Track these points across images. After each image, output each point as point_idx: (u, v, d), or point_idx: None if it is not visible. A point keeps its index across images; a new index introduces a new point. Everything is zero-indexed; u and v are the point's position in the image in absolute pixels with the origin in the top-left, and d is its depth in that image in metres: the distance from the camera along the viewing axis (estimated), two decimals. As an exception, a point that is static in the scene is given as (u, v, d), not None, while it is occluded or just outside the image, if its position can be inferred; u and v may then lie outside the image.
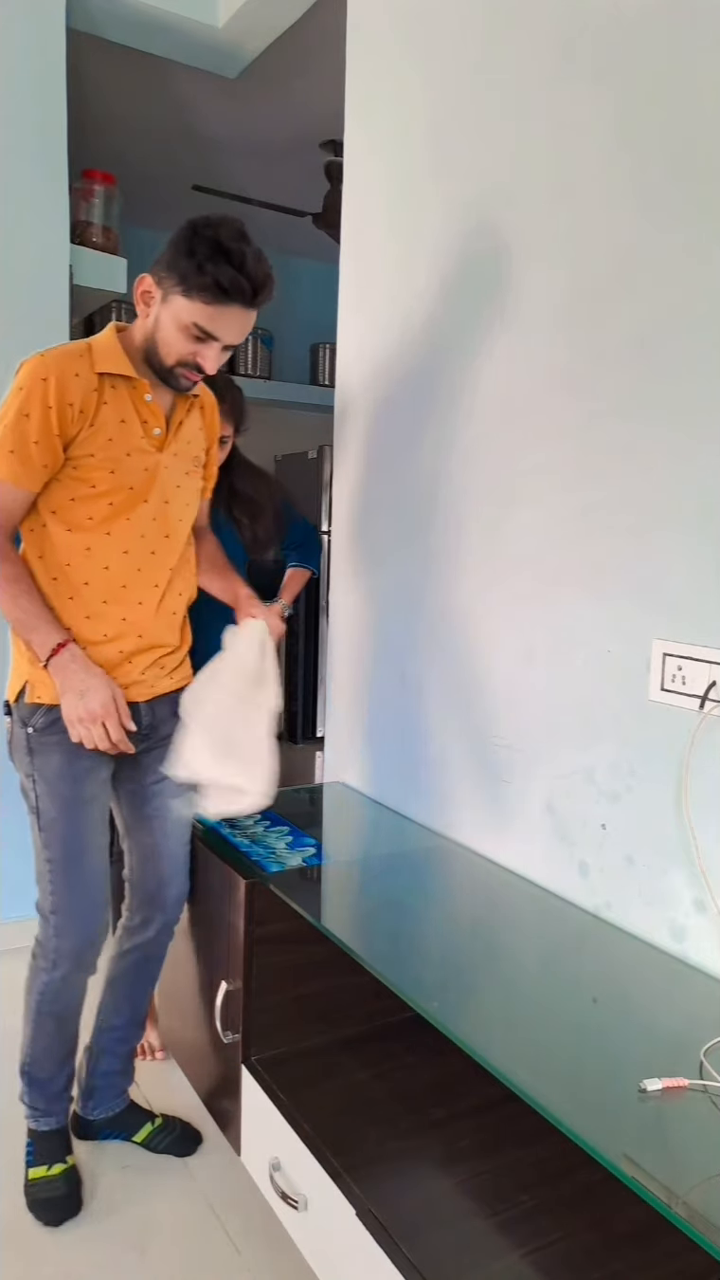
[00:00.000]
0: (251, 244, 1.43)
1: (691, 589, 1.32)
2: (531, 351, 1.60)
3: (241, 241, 1.42)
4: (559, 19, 1.51)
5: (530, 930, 1.50)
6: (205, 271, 1.40)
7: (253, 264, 1.42)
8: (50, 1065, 1.66)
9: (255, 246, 1.43)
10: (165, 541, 1.59)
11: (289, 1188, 1.43)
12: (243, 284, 1.41)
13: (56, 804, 1.52)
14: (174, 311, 1.45)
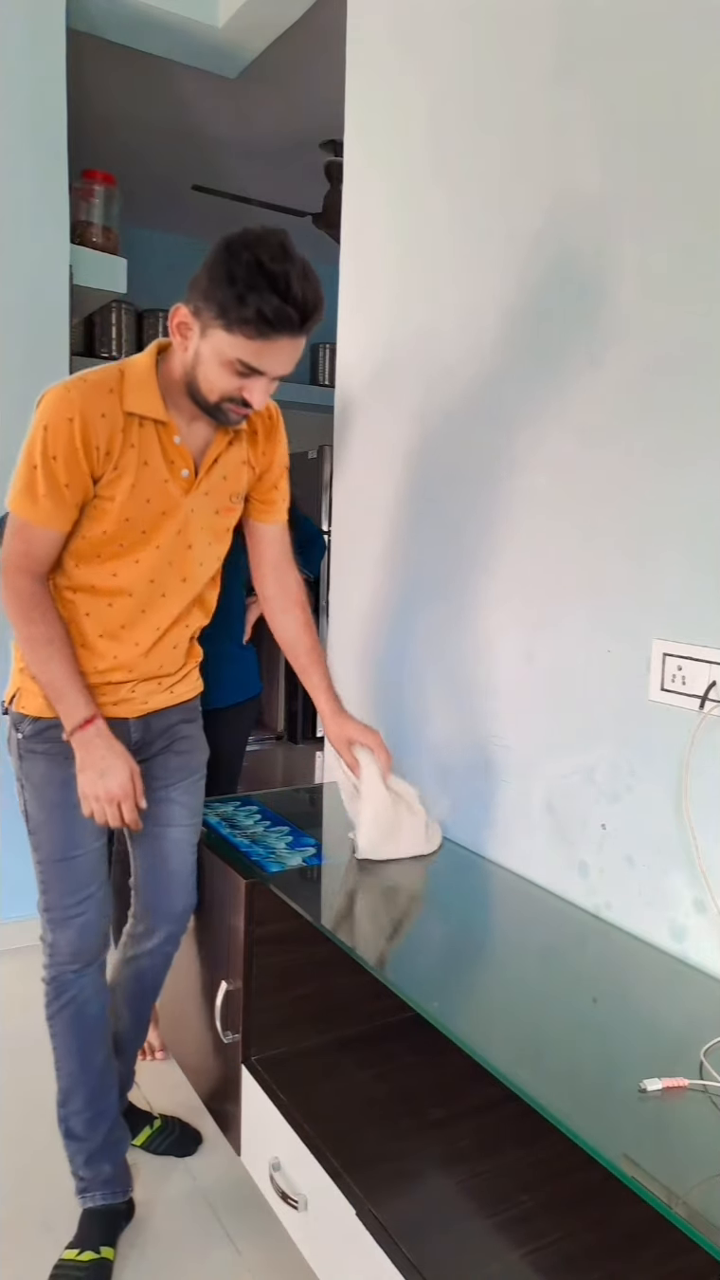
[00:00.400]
0: (297, 260, 1.25)
1: (691, 589, 1.32)
2: (532, 351, 1.60)
3: (285, 261, 1.24)
4: (558, 18, 1.51)
5: (530, 930, 1.50)
6: (247, 303, 1.23)
7: (300, 286, 1.24)
8: (79, 1102, 1.56)
9: (301, 261, 1.26)
10: (181, 585, 1.51)
11: (289, 1188, 1.43)
12: (290, 314, 1.25)
13: (44, 808, 1.52)
14: (215, 346, 1.29)
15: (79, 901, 1.53)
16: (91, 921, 1.55)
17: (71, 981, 1.55)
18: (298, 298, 1.24)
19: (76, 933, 1.54)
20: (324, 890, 1.58)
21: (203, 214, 4.17)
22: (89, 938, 1.55)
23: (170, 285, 4.63)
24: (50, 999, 1.56)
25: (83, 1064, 1.56)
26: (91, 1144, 1.57)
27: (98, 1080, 1.57)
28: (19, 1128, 1.82)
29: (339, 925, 1.43)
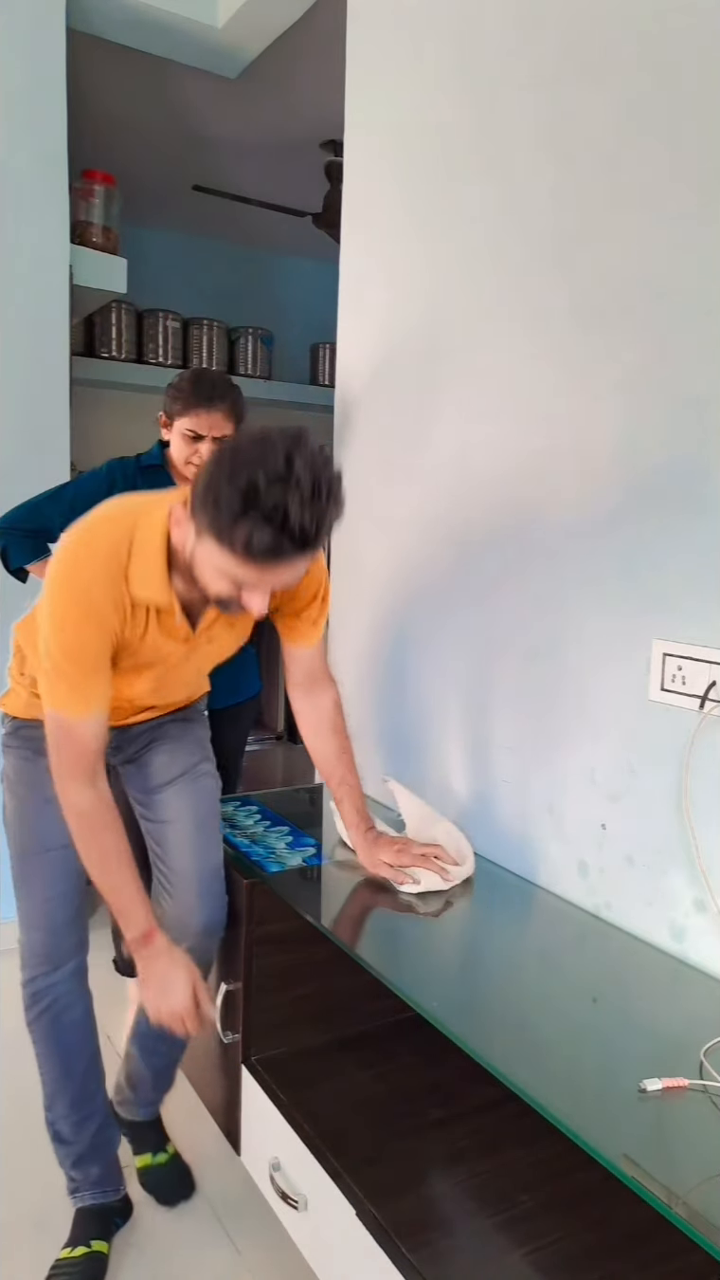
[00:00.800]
0: (304, 479, 1.08)
1: (691, 589, 1.32)
2: (532, 350, 1.60)
3: (285, 486, 1.08)
4: (559, 18, 1.51)
5: (530, 930, 1.50)
6: (238, 529, 1.10)
7: (301, 515, 1.09)
8: (63, 1107, 1.56)
9: (309, 479, 1.09)
10: (181, 686, 1.55)
11: (289, 1188, 1.43)
12: (285, 545, 1.11)
13: (13, 803, 1.55)
14: (208, 556, 1.18)
15: (48, 899, 1.52)
16: (63, 922, 1.53)
17: (46, 987, 1.53)
18: (295, 529, 1.10)
19: (47, 933, 1.53)
20: (324, 890, 1.58)
21: (203, 214, 4.18)
22: (60, 938, 1.53)
23: (170, 285, 4.66)
24: (27, 1005, 1.54)
25: (65, 1069, 1.55)
26: (79, 1146, 1.57)
27: (80, 1085, 1.56)
28: (14, 1127, 1.82)
29: (339, 925, 1.43)
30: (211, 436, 1.97)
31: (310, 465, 1.10)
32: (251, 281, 4.78)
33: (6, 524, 2.08)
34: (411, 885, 1.51)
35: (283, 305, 4.82)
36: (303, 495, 1.08)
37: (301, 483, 1.08)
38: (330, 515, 1.14)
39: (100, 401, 4.18)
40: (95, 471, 2.12)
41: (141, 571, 1.28)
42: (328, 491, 1.12)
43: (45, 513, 2.06)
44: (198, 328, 4.42)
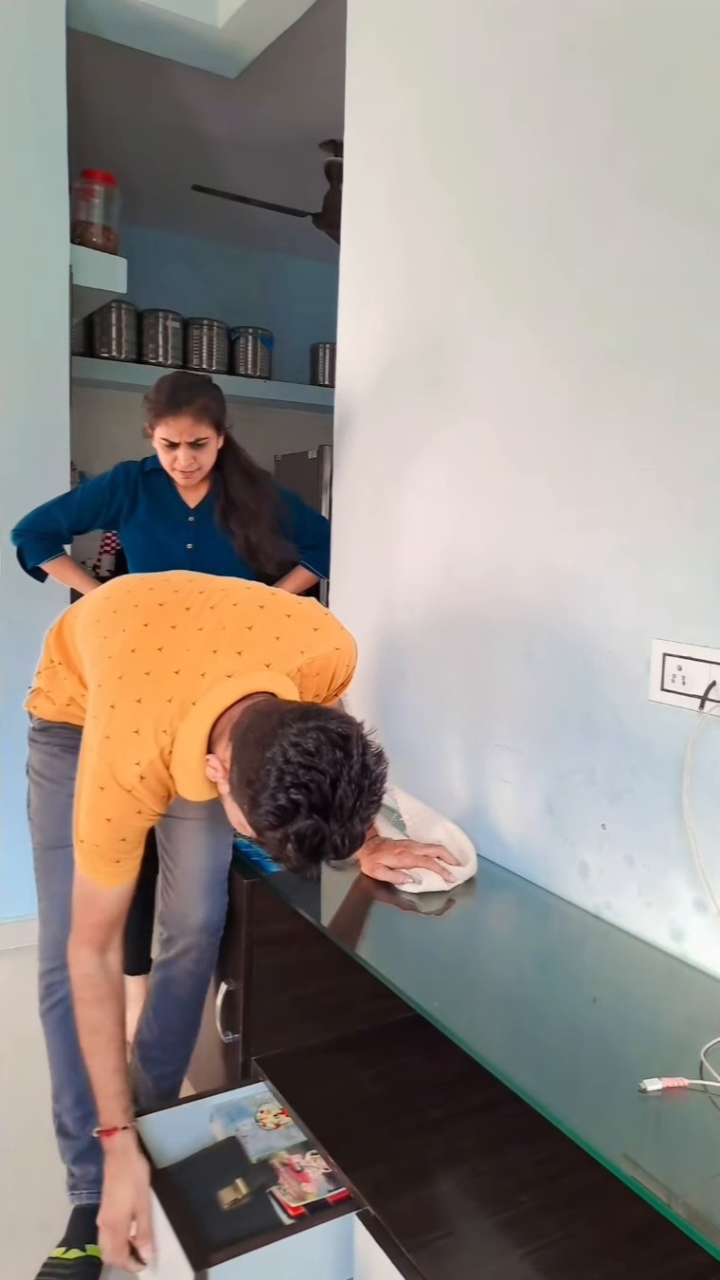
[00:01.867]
0: (346, 799, 1.06)
1: (691, 589, 1.32)
2: (532, 350, 1.60)
3: (325, 815, 1.05)
4: (558, 18, 1.51)
5: (530, 930, 1.50)
6: (270, 838, 1.08)
7: (334, 842, 1.07)
8: (69, 1100, 1.57)
9: (355, 794, 1.06)
10: None
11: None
12: (312, 867, 1.10)
13: (39, 796, 1.56)
14: (241, 822, 1.15)
15: (69, 894, 1.52)
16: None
17: (60, 981, 1.53)
18: (329, 854, 1.07)
19: (60, 928, 1.52)
20: (324, 890, 1.58)
21: (203, 214, 4.18)
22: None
23: (170, 285, 4.66)
24: (42, 996, 1.57)
25: (72, 1064, 1.55)
26: (81, 1142, 1.57)
27: (87, 1081, 1.56)
28: (17, 1127, 1.82)
29: (338, 925, 1.43)
30: (185, 442, 1.98)
31: (354, 788, 1.07)
32: (251, 281, 4.78)
33: (22, 528, 2.17)
34: (412, 885, 1.51)
35: (283, 305, 4.82)
36: (340, 820, 1.06)
37: (341, 810, 1.05)
38: (365, 826, 1.10)
39: (100, 401, 4.19)
40: (100, 478, 2.16)
41: (183, 777, 1.24)
42: (367, 804, 1.09)
43: (55, 516, 2.16)
44: (198, 328, 4.42)
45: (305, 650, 1.32)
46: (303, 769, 1.04)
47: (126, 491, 2.13)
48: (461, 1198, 1.33)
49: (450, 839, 1.60)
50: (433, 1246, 1.21)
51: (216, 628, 1.29)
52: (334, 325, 2.17)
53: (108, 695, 1.25)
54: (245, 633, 1.29)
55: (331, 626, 1.38)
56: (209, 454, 2.06)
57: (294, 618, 1.34)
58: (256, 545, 2.09)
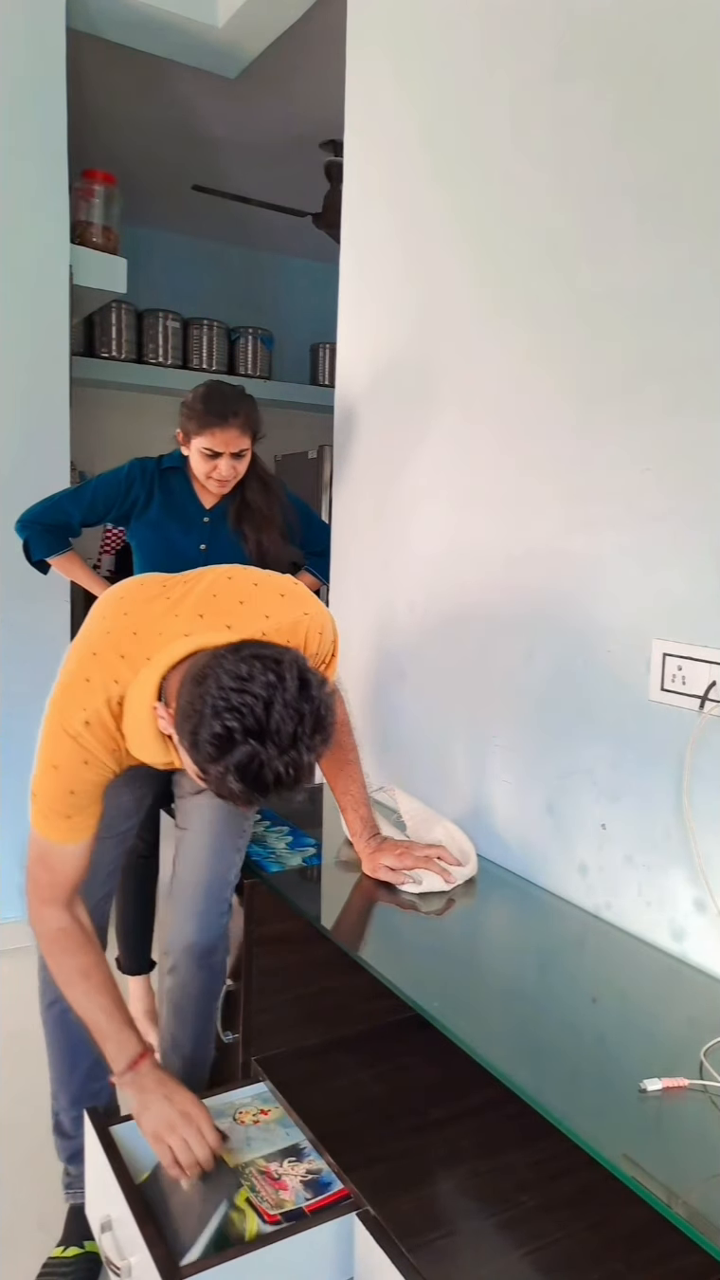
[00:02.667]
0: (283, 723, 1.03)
1: (692, 589, 1.32)
2: (531, 350, 1.60)
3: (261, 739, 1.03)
4: (558, 18, 1.51)
5: (530, 930, 1.50)
6: (211, 772, 1.07)
7: (272, 769, 1.04)
8: (65, 1100, 1.56)
9: (294, 719, 1.03)
10: None
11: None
12: (256, 796, 1.07)
13: None
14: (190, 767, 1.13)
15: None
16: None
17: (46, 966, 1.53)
18: (268, 783, 1.04)
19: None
20: (324, 890, 1.58)
21: (203, 214, 4.18)
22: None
23: (170, 285, 4.66)
24: (41, 993, 1.56)
25: (70, 1064, 1.55)
26: (77, 1141, 1.56)
27: (83, 1082, 1.56)
28: (16, 1127, 1.82)
29: (338, 925, 1.43)
30: (229, 453, 1.99)
31: (291, 710, 1.04)
32: (251, 281, 4.78)
33: (29, 518, 2.14)
34: (413, 885, 1.51)
35: (283, 305, 4.82)
36: (280, 746, 1.03)
37: (279, 735, 1.03)
38: (311, 755, 1.07)
39: (100, 401, 4.19)
40: (116, 470, 2.15)
41: (135, 736, 1.24)
42: (310, 732, 1.05)
43: (65, 509, 2.13)
44: (197, 328, 4.42)
45: (270, 615, 1.30)
46: (235, 693, 1.03)
47: (143, 486, 2.12)
48: (461, 1198, 1.33)
49: (450, 839, 1.60)
50: (433, 1247, 1.21)
51: (181, 597, 1.31)
52: (334, 325, 2.17)
53: (68, 658, 1.30)
54: (210, 599, 1.30)
55: (301, 595, 1.36)
56: (246, 464, 2.06)
57: (260, 586, 1.35)
58: (267, 550, 2.09)
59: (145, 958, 2.18)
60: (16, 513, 2.19)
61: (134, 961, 2.18)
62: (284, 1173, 1.34)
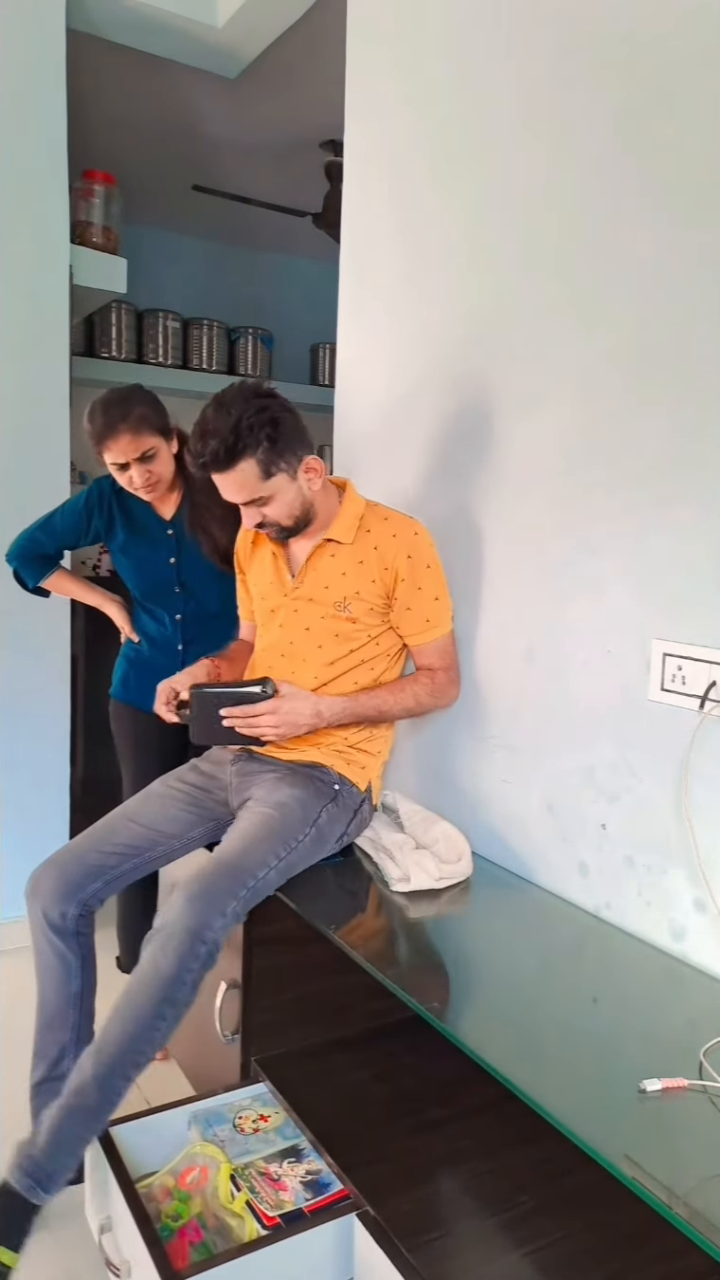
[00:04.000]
0: (212, 410, 1.50)
1: (691, 589, 1.32)
2: (531, 350, 1.60)
3: (201, 421, 1.51)
4: (559, 18, 1.51)
5: (530, 930, 1.50)
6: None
7: (202, 437, 1.49)
8: (41, 1062, 1.59)
9: (222, 409, 1.48)
10: (301, 664, 1.67)
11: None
12: (200, 461, 1.52)
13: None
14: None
15: (87, 833, 1.63)
16: (67, 863, 1.58)
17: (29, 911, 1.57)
18: (203, 451, 1.48)
19: (50, 861, 1.58)
20: (324, 890, 1.58)
21: (203, 214, 4.17)
22: (49, 871, 1.57)
23: (170, 285, 4.66)
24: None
25: (37, 1006, 1.60)
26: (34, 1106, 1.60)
27: (40, 1035, 1.60)
28: (17, 1124, 1.81)
29: (338, 925, 1.43)
30: (133, 460, 1.90)
31: (220, 404, 1.48)
32: (251, 281, 4.78)
33: (14, 552, 2.12)
34: (402, 884, 1.51)
35: (283, 305, 4.82)
36: (205, 427, 1.48)
37: (206, 418, 1.48)
38: (227, 442, 1.46)
39: (100, 401, 4.17)
40: (76, 498, 2.12)
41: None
42: (233, 425, 1.45)
43: (40, 541, 2.11)
44: (197, 328, 4.42)
45: (385, 515, 1.67)
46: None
47: (101, 515, 2.08)
48: (461, 1198, 1.33)
49: (447, 838, 1.61)
50: (432, 1247, 1.21)
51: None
52: (334, 325, 2.17)
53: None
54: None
55: (404, 523, 1.65)
56: (164, 463, 1.96)
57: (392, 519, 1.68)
58: (226, 548, 1.98)
59: None
60: (16, 512, 2.19)
61: (134, 960, 2.18)
62: (283, 1174, 1.34)
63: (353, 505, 1.65)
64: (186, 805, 1.68)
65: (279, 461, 1.51)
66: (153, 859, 1.64)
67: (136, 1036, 1.35)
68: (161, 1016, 1.34)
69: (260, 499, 1.54)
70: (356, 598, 1.62)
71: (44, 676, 2.66)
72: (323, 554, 1.64)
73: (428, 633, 1.66)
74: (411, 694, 1.65)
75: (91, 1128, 1.34)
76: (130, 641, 2.19)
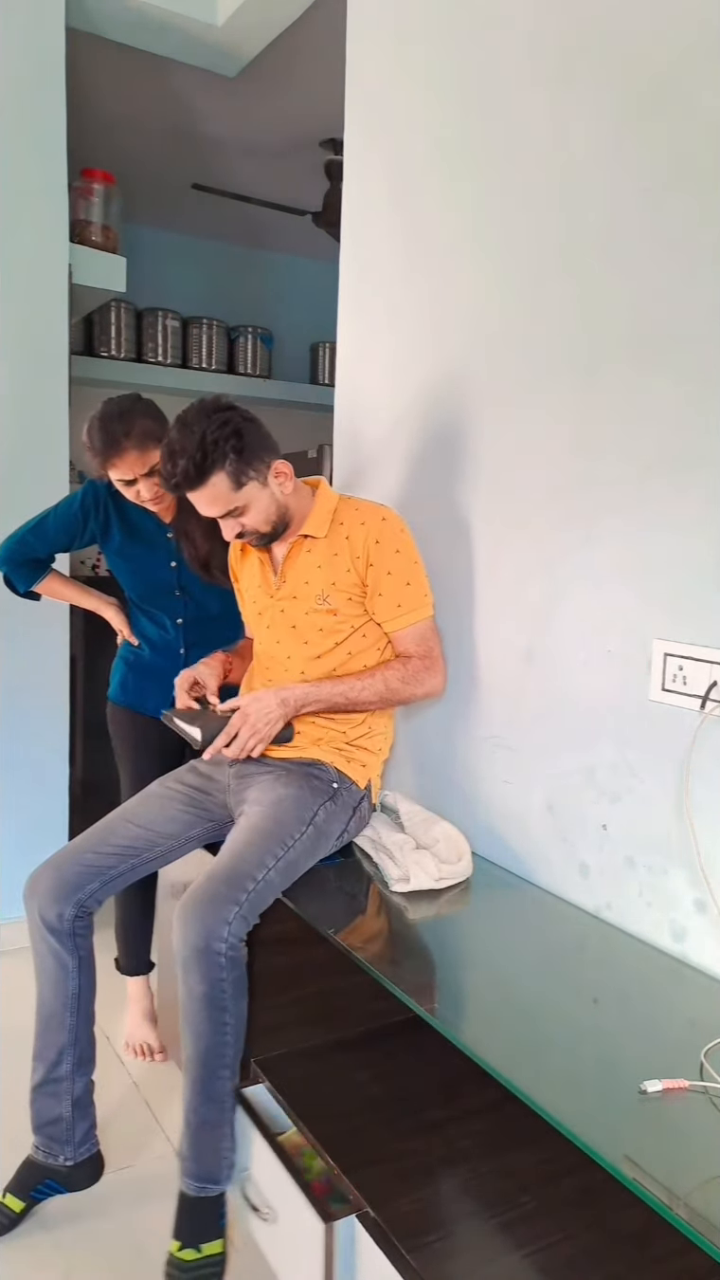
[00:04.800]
0: (177, 431, 1.54)
1: (692, 589, 1.31)
2: (532, 347, 1.60)
3: (169, 438, 1.56)
4: (559, 16, 1.50)
5: (530, 931, 1.50)
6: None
7: (169, 458, 1.53)
8: (40, 1065, 1.60)
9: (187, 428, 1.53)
10: (286, 661, 1.71)
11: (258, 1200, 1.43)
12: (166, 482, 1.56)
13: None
14: None
15: (88, 833, 1.64)
16: (64, 863, 1.58)
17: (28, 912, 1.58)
18: (168, 472, 1.53)
19: (50, 864, 1.58)
20: (323, 891, 1.58)
21: (202, 213, 4.17)
22: (47, 872, 1.57)
23: (170, 284, 4.65)
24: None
25: (37, 1004, 1.60)
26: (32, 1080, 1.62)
27: (40, 1034, 1.61)
28: (17, 1124, 1.81)
29: (338, 926, 1.42)
30: (140, 475, 1.86)
31: (183, 424, 1.52)
32: (251, 281, 4.78)
33: (3, 557, 2.05)
34: (402, 884, 1.51)
35: (283, 304, 4.81)
36: (171, 448, 1.52)
37: (171, 440, 1.52)
38: (194, 460, 1.50)
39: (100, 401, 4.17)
40: (70, 500, 2.05)
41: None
42: (197, 442, 1.50)
43: (31, 544, 2.04)
44: (197, 327, 4.42)
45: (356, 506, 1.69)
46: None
47: (97, 518, 2.03)
48: (461, 1199, 1.33)
49: (447, 839, 1.61)
50: (433, 1248, 1.21)
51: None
52: (334, 324, 2.17)
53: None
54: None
55: (373, 511, 1.67)
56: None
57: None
58: (208, 555, 1.95)
59: (144, 958, 2.18)
60: (16, 512, 2.18)
61: (133, 961, 2.18)
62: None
63: (326, 501, 1.67)
64: (185, 806, 1.67)
65: (248, 470, 1.54)
66: (150, 860, 1.64)
67: (209, 1050, 1.42)
68: (222, 1024, 1.42)
69: (236, 509, 1.57)
70: (334, 589, 1.64)
71: (43, 676, 2.66)
72: (300, 550, 1.67)
73: (400, 618, 1.65)
74: (381, 679, 1.64)
75: (221, 1130, 1.45)
76: (128, 644, 2.15)
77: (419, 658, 1.68)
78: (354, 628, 1.66)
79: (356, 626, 1.67)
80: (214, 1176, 1.44)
